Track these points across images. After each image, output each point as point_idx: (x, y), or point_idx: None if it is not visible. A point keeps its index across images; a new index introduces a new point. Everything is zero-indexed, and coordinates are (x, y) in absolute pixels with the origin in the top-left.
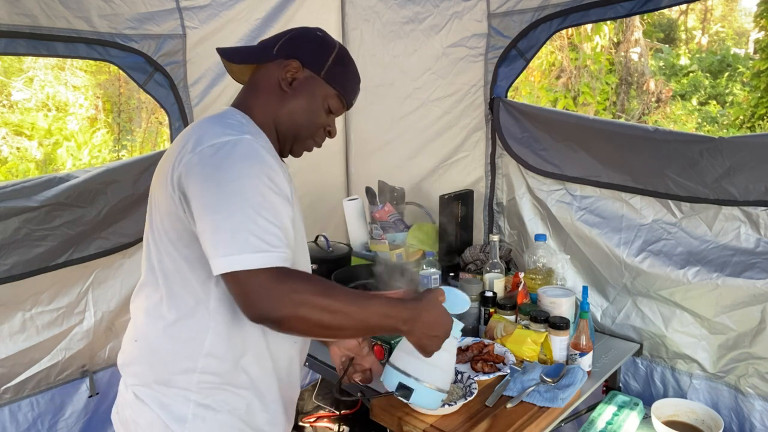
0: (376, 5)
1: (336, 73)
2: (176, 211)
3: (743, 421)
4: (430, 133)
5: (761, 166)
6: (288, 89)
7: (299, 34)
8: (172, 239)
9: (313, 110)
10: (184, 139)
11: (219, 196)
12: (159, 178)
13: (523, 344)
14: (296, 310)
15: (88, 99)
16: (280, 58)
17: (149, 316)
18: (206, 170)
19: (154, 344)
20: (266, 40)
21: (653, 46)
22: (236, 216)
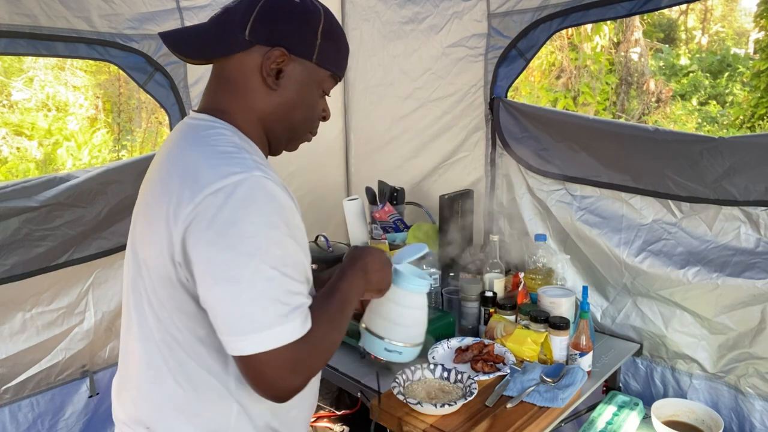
0: (376, 5)
1: (327, 51)
2: (177, 277)
3: (743, 421)
4: (430, 133)
5: (761, 166)
6: (274, 85)
7: (274, 7)
8: (171, 310)
9: (307, 103)
10: (171, 178)
11: (232, 262)
12: (146, 231)
13: (523, 344)
14: (318, 363)
15: (88, 99)
16: (257, 44)
17: (159, 398)
18: (214, 229)
19: (175, 428)
20: (226, 16)
21: (653, 46)
22: (256, 285)
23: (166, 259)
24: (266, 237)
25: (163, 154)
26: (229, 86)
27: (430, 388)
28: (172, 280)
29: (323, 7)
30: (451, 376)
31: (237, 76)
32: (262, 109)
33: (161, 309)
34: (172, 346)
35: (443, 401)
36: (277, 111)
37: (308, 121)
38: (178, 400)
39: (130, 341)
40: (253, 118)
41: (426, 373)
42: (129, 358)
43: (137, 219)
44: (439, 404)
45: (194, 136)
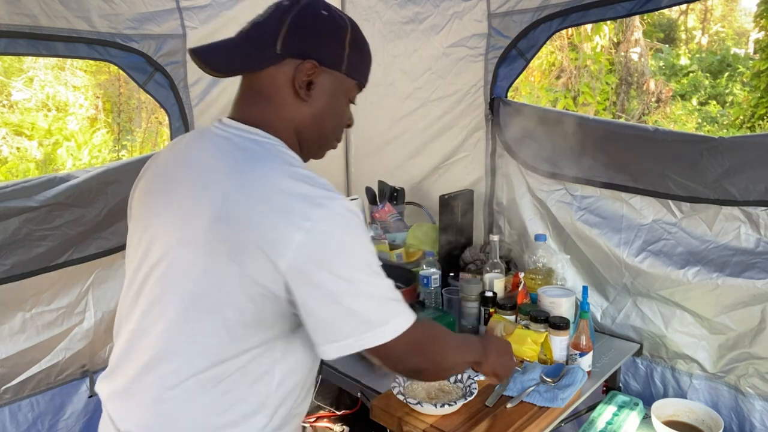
0: (376, 5)
1: (355, 60)
2: (277, 292)
3: (743, 421)
4: (430, 133)
5: (761, 166)
6: (307, 97)
7: (304, 21)
8: (251, 322)
9: (337, 111)
10: (262, 203)
11: (356, 280)
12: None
13: (523, 344)
14: (435, 358)
15: (88, 99)
16: (288, 57)
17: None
18: (329, 254)
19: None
20: (256, 31)
21: (653, 46)
22: (375, 291)
23: (267, 279)
24: (368, 250)
25: (225, 168)
26: (262, 99)
27: (429, 388)
28: (272, 293)
29: (349, 19)
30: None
31: (269, 89)
32: (297, 120)
33: (238, 324)
34: (222, 360)
35: (443, 401)
36: (310, 121)
37: (337, 128)
38: (214, 405)
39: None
40: (290, 130)
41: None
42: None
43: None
44: (439, 404)
45: (266, 156)
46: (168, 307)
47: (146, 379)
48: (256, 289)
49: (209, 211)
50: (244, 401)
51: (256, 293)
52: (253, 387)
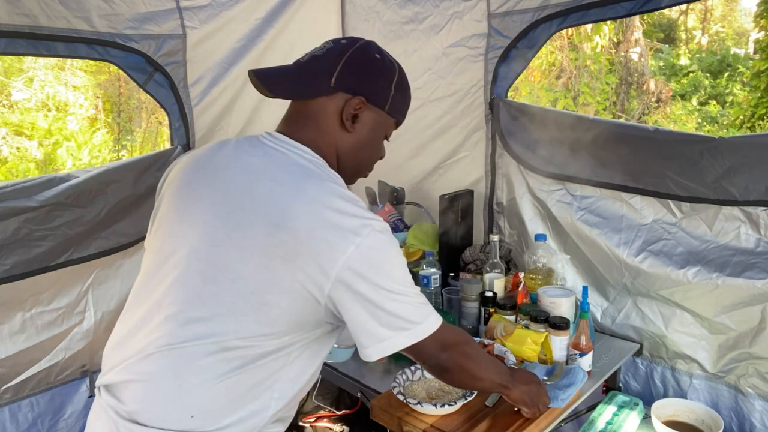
0: (376, 5)
1: (398, 101)
2: (319, 297)
3: (743, 421)
4: (430, 133)
5: (761, 166)
6: (351, 128)
7: (358, 61)
8: (297, 319)
9: (375, 145)
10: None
11: (397, 289)
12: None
13: (523, 344)
14: (462, 361)
15: (88, 99)
16: (340, 91)
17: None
18: (375, 267)
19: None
20: (315, 64)
21: (653, 46)
22: (410, 297)
23: (315, 286)
24: (402, 263)
25: (287, 182)
26: (312, 123)
27: (430, 388)
28: (313, 301)
29: (398, 63)
30: None
31: (318, 116)
32: (339, 147)
33: (267, 316)
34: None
35: (443, 401)
36: (350, 150)
37: (372, 160)
38: (234, 389)
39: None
40: (332, 154)
41: (426, 372)
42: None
43: (269, 237)
44: (439, 404)
45: (322, 176)
46: (215, 296)
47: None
48: (303, 293)
49: (270, 218)
50: (248, 394)
51: (302, 297)
52: (260, 381)
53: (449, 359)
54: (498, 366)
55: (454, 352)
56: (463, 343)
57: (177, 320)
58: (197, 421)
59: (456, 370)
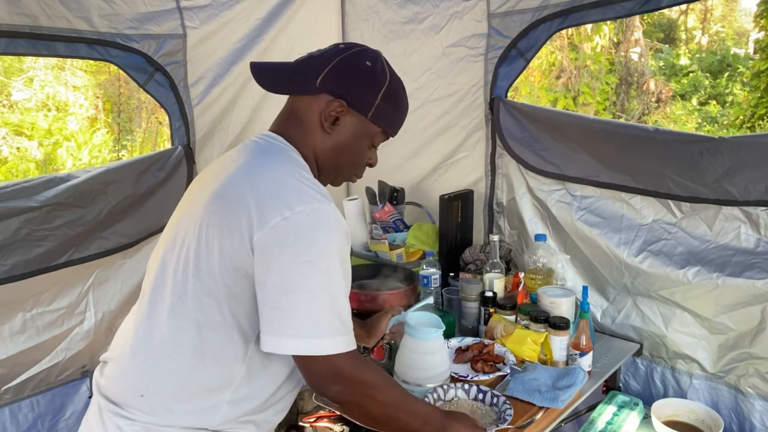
0: (376, 5)
1: (384, 111)
2: (248, 269)
3: (743, 421)
4: (430, 133)
5: (761, 166)
6: (330, 130)
7: (346, 65)
8: (229, 294)
9: (355, 150)
10: (258, 187)
11: (309, 275)
12: (224, 224)
13: (523, 344)
14: (360, 400)
15: (88, 99)
16: (323, 92)
17: (167, 371)
18: (298, 244)
19: (166, 400)
20: (307, 63)
21: (653, 46)
22: (324, 297)
23: (245, 253)
24: (336, 260)
25: (241, 159)
26: (296, 121)
27: (462, 410)
28: (244, 270)
29: (391, 75)
30: (486, 398)
31: (303, 114)
32: (318, 147)
33: (218, 293)
34: (206, 326)
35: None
36: (329, 151)
37: (353, 165)
38: (184, 377)
39: (156, 318)
40: (310, 152)
41: (460, 393)
42: (150, 335)
43: (209, 210)
44: None
45: (277, 154)
46: (170, 275)
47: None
48: (232, 263)
49: (213, 190)
50: (211, 376)
51: (232, 267)
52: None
53: (340, 394)
54: (418, 411)
55: (350, 390)
56: (370, 387)
57: (148, 302)
58: (147, 401)
59: (353, 408)
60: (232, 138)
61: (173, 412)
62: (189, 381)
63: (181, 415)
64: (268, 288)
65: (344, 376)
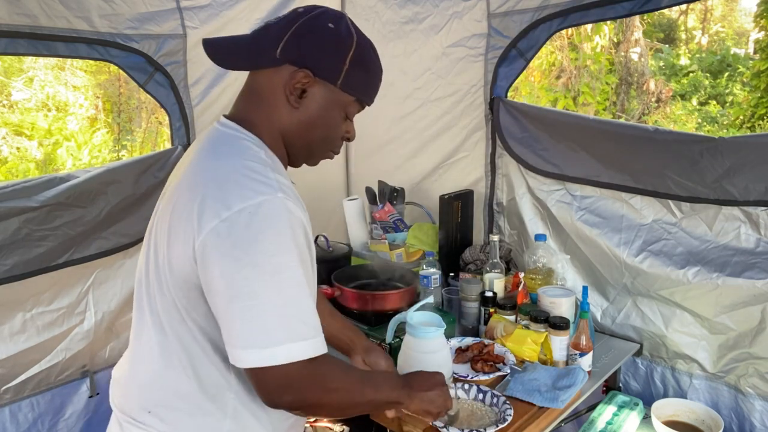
0: (376, 5)
1: (354, 77)
2: (195, 281)
3: (743, 421)
4: (430, 133)
5: (761, 166)
6: (296, 104)
7: (307, 29)
8: (186, 309)
9: (327, 124)
10: (200, 188)
11: (255, 279)
12: (172, 231)
13: (523, 344)
14: (320, 399)
15: (88, 99)
16: (286, 63)
17: (165, 385)
18: (238, 245)
19: (175, 412)
20: (264, 32)
21: (653, 46)
22: (275, 301)
23: (189, 262)
24: (285, 256)
25: (191, 157)
26: (257, 98)
27: (461, 410)
28: (192, 282)
29: (359, 36)
30: (486, 398)
31: (264, 90)
32: (284, 125)
33: (176, 308)
34: (184, 340)
35: (472, 427)
36: (298, 128)
37: (328, 140)
38: (183, 390)
39: (144, 331)
40: (275, 132)
41: (460, 393)
42: (142, 347)
43: (164, 216)
44: (467, 430)
45: (225, 148)
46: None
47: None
48: (181, 276)
49: (167, 193)
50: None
51: (182, 279)
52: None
53: (298, 402)
54: (379, 383)
55: (307, 395)
56: (327, 381)
57: (135, 314)
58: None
59: (315, 409)
60: None
61: (184, 421)
62: (189, 391)
63: (196, 421)
64: (214, 297)
65: (299, 381)
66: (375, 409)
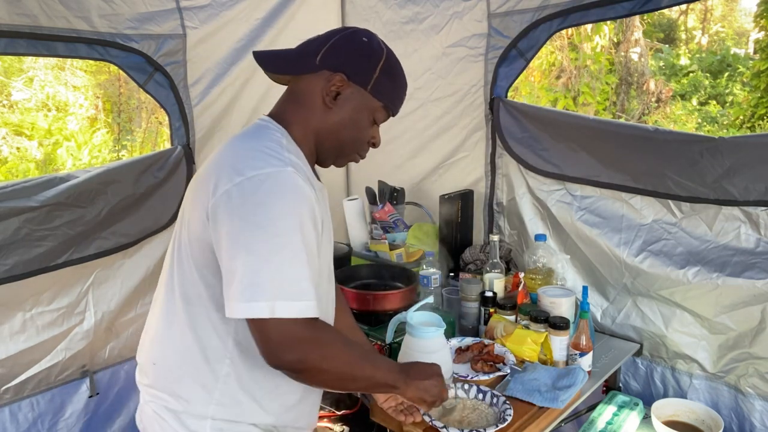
0: (376, 5)
1: (383, 84)
2: (208, 239)
3: (743, 421)
4: (430, 133)
5: (761, 166)
6: (331, 104)
7: (344, 41)
8: (198, 266)
9: (357, 125)
10: (221, 162)
11: (257, 237)
12: (194, 199)
13: (523, 344)
14: (320, 363)
15: (88, 99)
16: (324, 69)
17: (167, 340)
18: (246, 207)
19: (173, 369)
20: (307, 45)
21: (653, 46)
22: (273, 260)
23: (203, 223)
24: (287, 222)
25: (224, 143)
26: (295, 100)
27: (461, 409)
28: (205, 240)
29: (388, 51)
30: (486, 398)
31: (303, 93)
32: (318, 125)
33: (191, 266)
34: (190, 299)
35: (471, 427)
36: (330, 128)
37: (356, 142)
38: (182, 348)
39: (160, 290)
40: (308, 131)
41: (460, 393)
42: (156, 305)
43: (191, 186)
44: (467, 430)
45: (252, 131)
46: (169, 251)
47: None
48: (196, 235)
49: (198, 174)
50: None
51: (196, 238)
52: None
53: (300, 362)
54: (379, 364)
55: (309, 355)
56: (329, 346)
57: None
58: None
59: (314, 373)
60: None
61: (179, 380)
62: (188, 350)
63: (187, 384)
64: (221, 254)
65: (301, 341)
66: (372, 388)
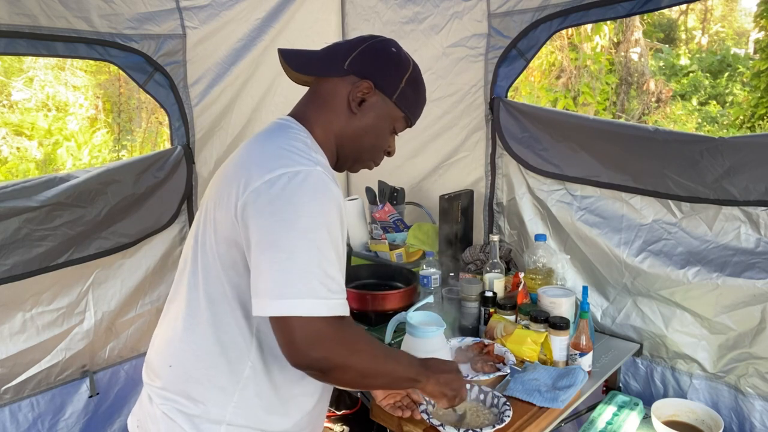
0: (376, 5)
1: (407, 95)
2: (236, 238)
3: (743, 421)
4: (430, 133)
5: (761, 166)
6: (356, 110)
7: (374, 49)
8: (225, 265)
9: (378, 133)
10: (248, 160)
11: (286, 234)
12: (220, 196)
13: (523, 344)
14: (345, 361)
15: (88, 99)
16: (351, 74)
17: (187, 341)
18: (276, 204)
19: (190, 370)
20: (334, 48)
21: (653, 46)
22: (302, 257)
23: (231, 221)
24: (316, 220)
25: (244, 143)
26: (318, 101)
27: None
28: (233, 239)
29: (414, 64)
30: (487, 399)
31: (328, 96)
32: (340, 129)
33: (216, 264)
34: (214, 299)
35: (468, 427)
36: (352, 133)
37: (374, 149)
38: (203, 349)
39: (180, 290)
40: (329, 133)
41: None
42: (174, 305)
43: (212, 188)
44: (463, 430)
45: (276, 130)
46: (189, 251)
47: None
48: (223, 234)
49: (219, 170)
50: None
51: (223, 237)
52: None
53: (326, 360)
54: (401, 359)
55: (336, 352)
56: (355, 343)
57: (176, 279)
58: (174, 371)
59: (340, 372)
60: (231, 138)
61: (197, 383)
62: (209, 350)
63: (205, 386)
64: (250, 251)
65: (327, 339)
66: (394, 383)
